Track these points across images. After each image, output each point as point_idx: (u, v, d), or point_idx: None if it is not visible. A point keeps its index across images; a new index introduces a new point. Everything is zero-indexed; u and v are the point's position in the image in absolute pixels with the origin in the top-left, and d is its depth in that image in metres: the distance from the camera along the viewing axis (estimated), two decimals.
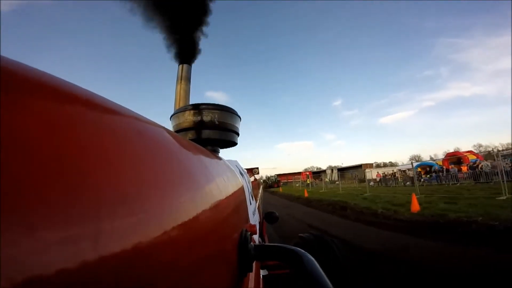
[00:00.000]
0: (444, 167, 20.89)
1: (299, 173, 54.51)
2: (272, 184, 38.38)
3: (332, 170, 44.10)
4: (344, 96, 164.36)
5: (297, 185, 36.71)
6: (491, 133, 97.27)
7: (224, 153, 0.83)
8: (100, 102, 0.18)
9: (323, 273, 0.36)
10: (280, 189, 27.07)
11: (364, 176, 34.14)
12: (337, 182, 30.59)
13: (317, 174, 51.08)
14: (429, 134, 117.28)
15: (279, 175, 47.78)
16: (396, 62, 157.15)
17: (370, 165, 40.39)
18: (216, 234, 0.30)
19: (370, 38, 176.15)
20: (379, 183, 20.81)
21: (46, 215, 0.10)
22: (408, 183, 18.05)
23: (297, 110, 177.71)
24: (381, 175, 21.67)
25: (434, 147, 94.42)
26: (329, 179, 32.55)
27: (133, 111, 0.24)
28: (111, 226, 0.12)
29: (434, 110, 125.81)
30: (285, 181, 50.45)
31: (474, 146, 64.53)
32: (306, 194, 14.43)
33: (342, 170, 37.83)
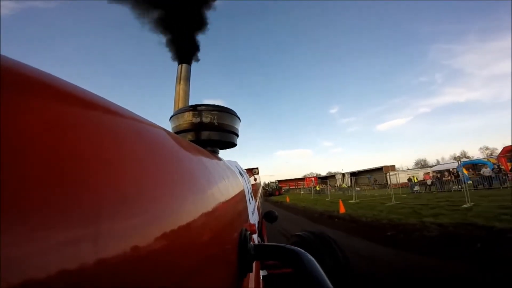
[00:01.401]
0: (501, 165, 15.67)
1: (301, 179, 48.48)
2: (273, 192, 31.94)
3: (343, 174, 38.20)
4: (340, 104, 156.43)
5: (302, 192, 30.54)
6: (488, 136, 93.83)
7: (223, 154, 0.76)
8: (99, 102, 0.18)
9: (323, 273, 0.36)
10: (287, 199, 18.63)
11: (386, 180, 28.44)
12: (358, 189, 24.64)
13: (323, 179, 45.04)
14: (426, 140, 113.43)
15: (280, 181, 41.40)
16: (391, 69, 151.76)
17: (392, 168, 34.38)
18: (216, 234, 0.30)
19: (365, 45, 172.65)
20: (427, 188, 14.77)
21: (46, 216, 0.09)
22: (479, 185, 12.02)
23: (294, 118, 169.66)
24: (431, 176, 15.67)
25: (434, 152, 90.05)
26: (345, 185, 26.52)
27: (133, 112, 0.23)
28: (111, 227, 0.12)
29: (430, 116, 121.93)
30: (287, 188, 44.31)
31: (481, 148, 60.83)
32: (342, 209, 8.20)
33: (355, 175, 31.90)
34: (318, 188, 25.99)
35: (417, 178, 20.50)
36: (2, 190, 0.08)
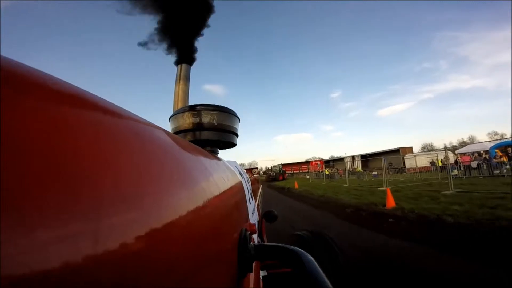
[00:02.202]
0: None
1: (306, 163, 46.16)
2: (277, 177, 29.67)
3: (353, 157, 35.66)
4: (342, 88, 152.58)
5: (308, 177, 28.24)
6: (493, 122, 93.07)
7: (223, 154, 0.77)
8: (99, 103, 0.18)
9: (323, 273, 0.36)
10: (296, 185, 15.18)
11: (404, 163, 25.88)
12: (374, 173, 22.17)
13: (328, 163, 42.59)
14: (430, 125, 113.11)
15: (283, 165, 38.97)
16: (394, 55, 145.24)
17: (409, 150, 31.64)
18: (216, 234, 0.31)
19: (369, 31, 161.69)
20: (467, 172, 12.18)
21: (46, 214, 0.10)
22: None
23: (295, 102, 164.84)
24: (471, 158, 13.03)
25: (439, 137, 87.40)
26: (359, 168, 24.06)
27: (132, 113, 0.24)
28: (111, 226, 0.12)
29: (433, 102, 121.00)
30: (290, 172, 42.09)
31: (489, 133, 57.85)
32: (391, 202, 5.65)
33: (366, 157, 29.34)
34: (327, 173, 23.58)
35: (441, 161, 17.91)
36: (2, 190, 0.08)
